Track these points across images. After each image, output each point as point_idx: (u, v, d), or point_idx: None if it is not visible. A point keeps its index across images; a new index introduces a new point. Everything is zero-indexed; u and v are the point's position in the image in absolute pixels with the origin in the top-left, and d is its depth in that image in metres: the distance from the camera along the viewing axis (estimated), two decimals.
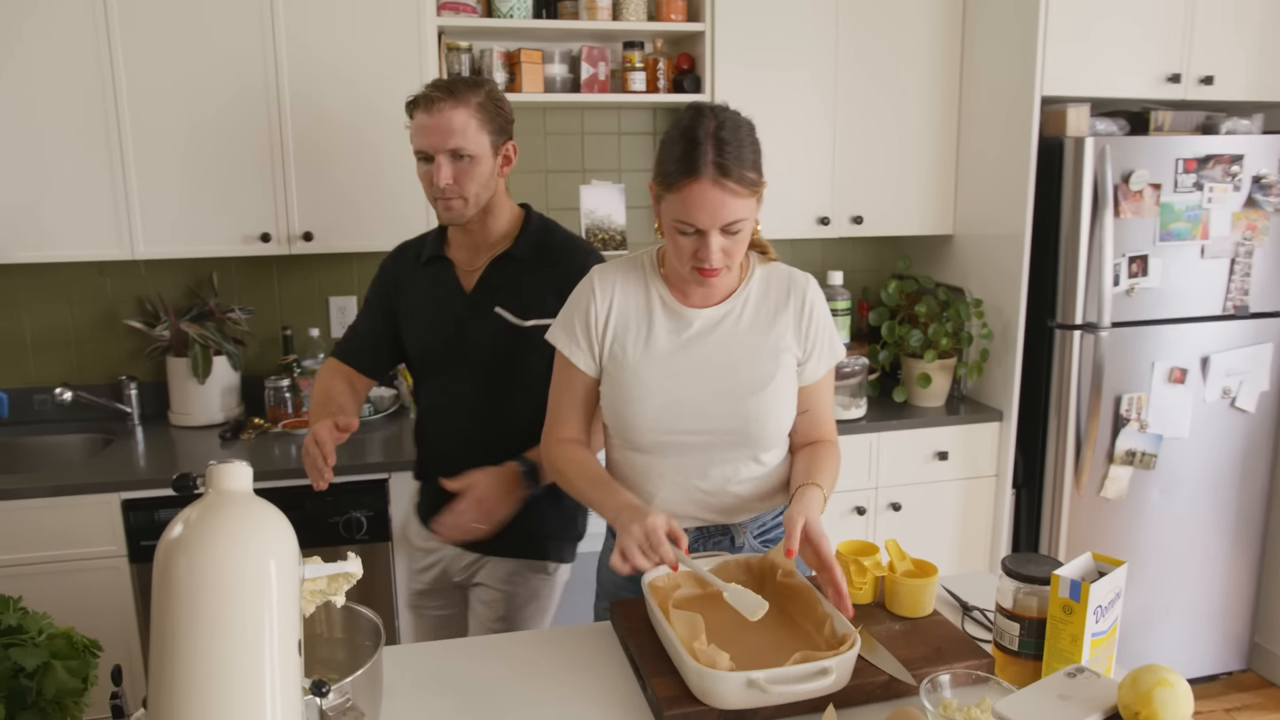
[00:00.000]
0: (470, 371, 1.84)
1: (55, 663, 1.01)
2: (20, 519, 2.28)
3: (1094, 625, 1.27)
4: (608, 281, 1.58)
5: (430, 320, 1.88)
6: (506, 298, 1.82)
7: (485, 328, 1.82)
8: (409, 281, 1.92)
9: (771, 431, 1.56)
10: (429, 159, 1.74)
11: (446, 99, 1.72)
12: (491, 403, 1.84)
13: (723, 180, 1.38)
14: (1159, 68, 2.78)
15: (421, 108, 1.73)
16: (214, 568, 0.79)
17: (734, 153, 1.39)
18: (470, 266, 1.86)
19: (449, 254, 1.89)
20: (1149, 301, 2.77)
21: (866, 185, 2.98)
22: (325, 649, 1.20)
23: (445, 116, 1.72)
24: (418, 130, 1.75)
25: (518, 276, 1.82)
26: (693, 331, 1.55)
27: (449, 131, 1.72)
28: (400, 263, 1.95)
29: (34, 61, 2.37)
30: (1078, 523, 2.84)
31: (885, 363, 3.01)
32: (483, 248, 1.86)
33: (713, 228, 1.41)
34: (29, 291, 2.79)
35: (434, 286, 1.88)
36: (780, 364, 1.55)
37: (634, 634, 1.42)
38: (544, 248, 1.84)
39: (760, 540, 1.65)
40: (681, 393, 1.53)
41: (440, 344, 1.86)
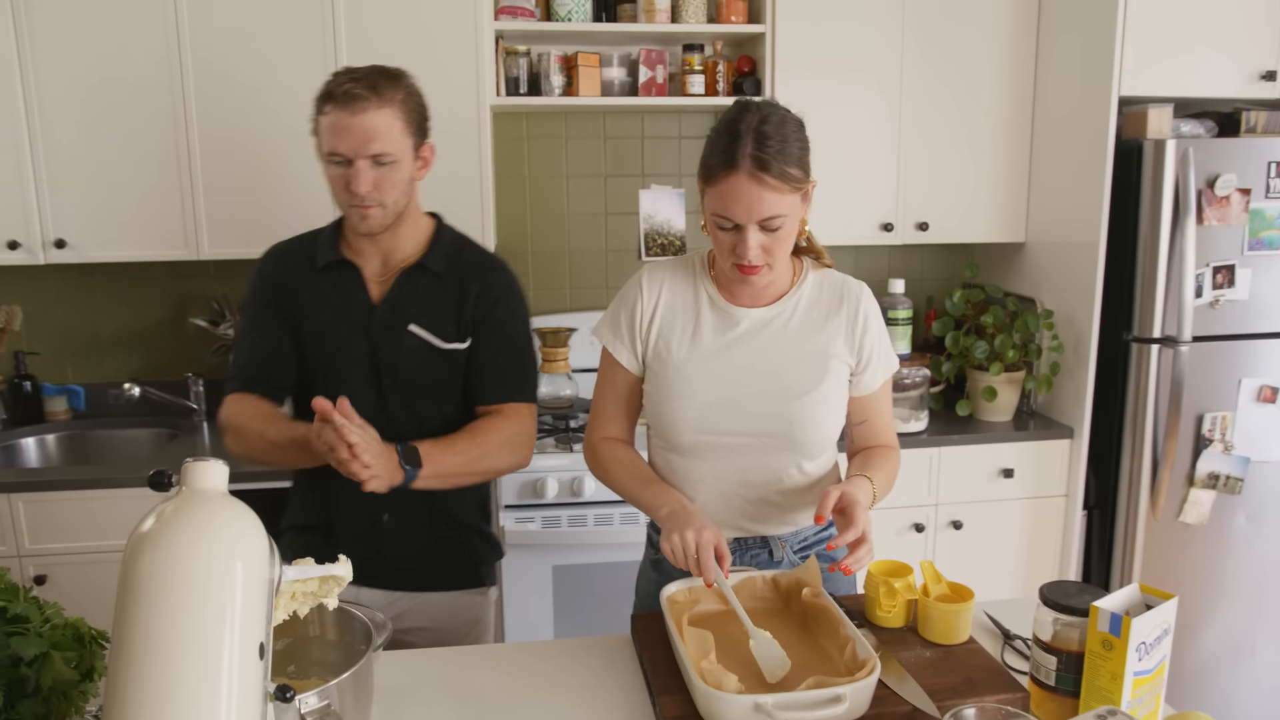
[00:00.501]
0: (375, 386, 1.68)
1: (54, 653, 1.03)
2: (86, 508, 2.37)
3: (1136, 663, 1.18)
4: (656, 279, 1.57)
5: (330, 331, 1.69)
6: (421, 314, 1.67)
7: (397, 344, 1.67)
8: (303, 287, 1.70)
9: (815, 437, 1.52)
10: (345, 163, 1.56)
11: (370, 97, 1.53)
12: (397, 418, 1.66)
13: (760, 174, 1.36)
14: (1251, 65, 2.61)
15: (340, 104, 1.53)
16: (177, 565, 0.79)
17: (775, 148, 1.37)
18: (378, 276, 1.69)
19: (350, 259, 1.70)
20: (1235, 314, 2.59)
21: (933, 191, 2.88)
22: (319, 650, 1.19)
23: (369, 117, 1.53)
24: (333, 130, 1.54)
25: (431, 291, 1.68)
26: (739, 331, 1.52)
27: (372, 134, 1.54)
28: (288, 267, 1.72)
29: (112, 72, 2.47)
30: (1153, 548, 2.68)
31: (949, 375, 2.90)
32: (392, 257, 1.69)
33: (749, 222, 1.39)
34: (105, 291, 2.90)
35: (333, 294, 1.69)
36: (828, 370, 1.51)
37: (649, 648, 1.38)
38: (457, 262, 1.70)
39: (800, 555, 1.59)
40: (724, 393, 1.50)
41: (345, 357, 1.68)
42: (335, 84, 1.55)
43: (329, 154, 1.57)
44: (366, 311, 1.68)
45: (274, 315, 1.71)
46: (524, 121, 2.99)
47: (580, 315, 3.00)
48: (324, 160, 1.59)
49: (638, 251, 3.09)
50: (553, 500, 2.48)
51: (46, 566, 2.38)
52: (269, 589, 0.84)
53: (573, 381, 2.83)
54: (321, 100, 1.57)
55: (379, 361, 1.67)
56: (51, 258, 2.54)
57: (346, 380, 1.67)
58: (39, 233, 2.52)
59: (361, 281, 1.69)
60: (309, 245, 1.74)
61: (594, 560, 2.52)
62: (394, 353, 1.67)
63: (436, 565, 1.76)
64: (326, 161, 1.59)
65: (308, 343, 1.70)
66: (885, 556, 1.59)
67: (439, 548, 1.76)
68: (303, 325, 1.70)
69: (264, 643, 0.81)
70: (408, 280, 1.68)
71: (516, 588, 2.52)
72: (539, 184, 3.04)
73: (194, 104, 2.51)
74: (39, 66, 2.45)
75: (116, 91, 2.48)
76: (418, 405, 1.69)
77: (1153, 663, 1.21)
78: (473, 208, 2.63)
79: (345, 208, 1.62)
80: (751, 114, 1.41)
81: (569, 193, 3.06)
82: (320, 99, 1.57)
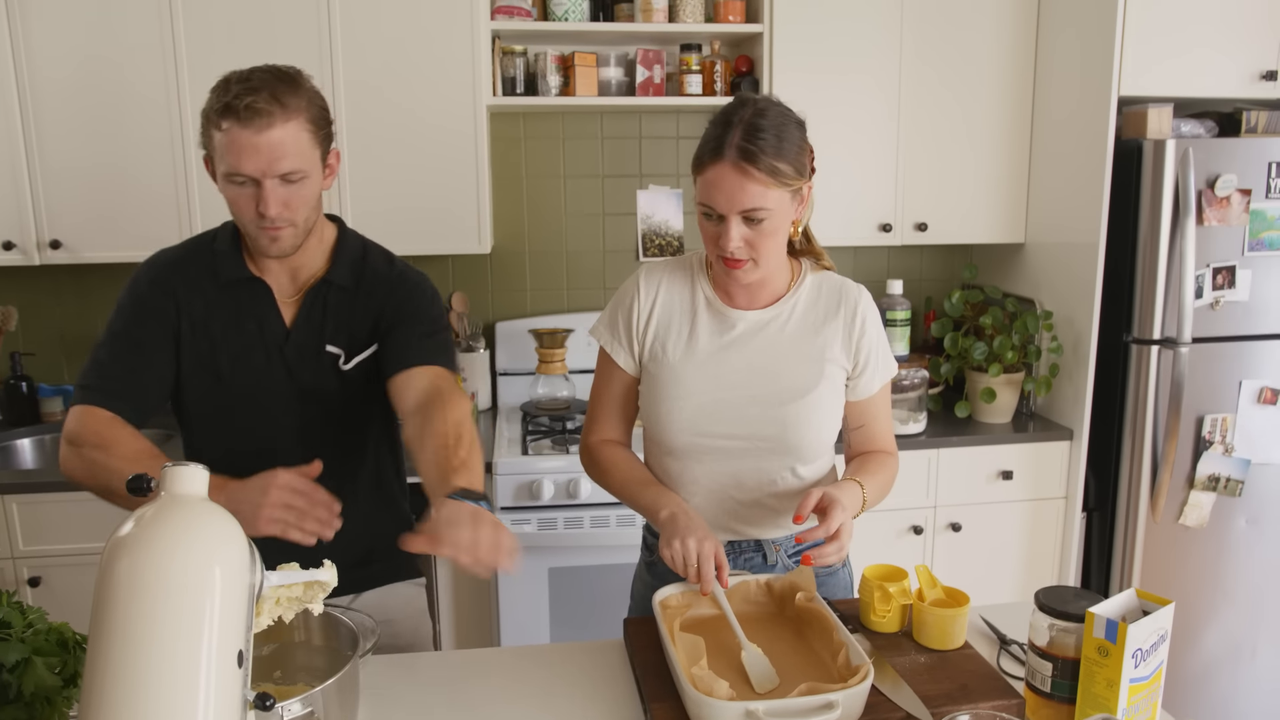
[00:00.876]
0: (296, 413, 1.55)
1: (36, 659, 1.01)
2: (81, 510, 2.36)
3: (1133, 670, 1.16)
4: (653, 280, 1.56)
5: (245, 356, 1.52)
6: (335, 333, 1.54)
7: (315, 368, 1.54)
8: (202, 306, 1.52)
9: (810, 441, 1.50)
10: (249, 183, 1.39)
11: (275, 110, 1.36)
12: (314, 447, 1.47)
13: (744, 165, 1.35)
14: (1251, 65, 2.59)
15: (241, 121, 1.35)
16: (154, 570, 0.78)
17: (766, 141, 1.36)
18: (287, 294, 1.55)
19: (258, 275, 1.53)
20: (1236, 316, 2.58)
21: (931, 191, 2.86)
22: (304, 655, 1.18)
23: (275, 133, 1.36)
24: (234, 148, 1.36)
25: (340, 307, 1.55)
26: (736, 334, 1.51)
27: (280, 152, 1.37)
28: (181, 279, 1.52)
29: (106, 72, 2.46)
30: (1153, 551, 2.67)
31: (948, 376, 2.88)
32: (300, 273, 1.55)
33: (730, 212, 1.38)
34: (101, 291, 2.89)
35: (242, 315, 1.52)
36: (824, 374, 1.50)
37: (641, 653, 1.37)
38: (363, 274, 1.57)
39: (795, 560, 1.58)
40: (719, 395, 1.49)
41: (258, 387, 1.53)
42: (231, 96, 1.36)
43: (229, 174, 1.39)
44: (281, 335, 1.53)
45: (157, 331, 1.50)
46: (521, 122, 2.98)
47: (577, 316, 2.99)
48: (221, 180, 1.41)
49: (635, 252, 3.08)
50: (548, 502, 2.46)
51: (41, 569, 2.37)
52: (249, 595, 0.83)
53: (569, 383, 2.82)
54: (217, 114, 1.37)
55: (301, 387, 1.54)
56: (47, 258, 2.54)
57: (262, 409, 1.53)
58: (34, 233, 2.52)
59: (273, 301, 1.53)
60: (204, 256, 1.54)
61: (590, 562, 2.51)
62: (315, 377, 1.54)
63: (378, 560, 1.65)
64: (225, 182, 1.41)
65: (199, 370, 1.52)
66: (883, 559, 1.59)
67: (378, 543, 1.61)
68: (199, 351, 1.51)
69: (243, 650, 0.80)
70: (316, 297, 1.54)
71: (512, 590, 2.51)
72: (536, 184, 3.03)
73: (189, 103, 2.50)
74: (34, 65, 2.44)
75: (112, 91, 2.47)
76: (329, 433, 1.57)
77: (1149, 669, 1.20)
78: (469, 208, 2.62)
79: (253, 230, 1.44)
80: (748, 107, 1.40)
81: (566, 193, 3.05)
82: (215, 113, 1.38)
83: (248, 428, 1.54)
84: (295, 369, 1.53)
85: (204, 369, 1.52)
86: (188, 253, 1.56)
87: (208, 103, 1.40)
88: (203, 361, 1.51)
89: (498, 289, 3.05)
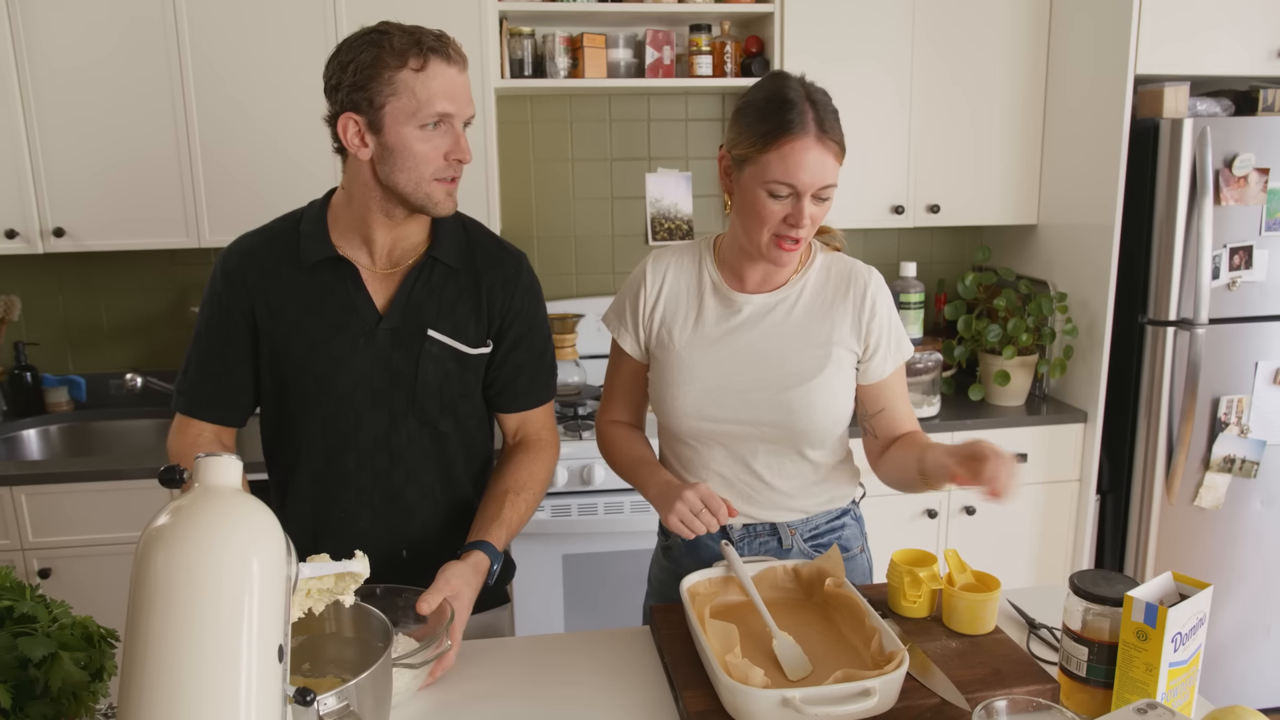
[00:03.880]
0: (384, 407, 1.45)
1: (63, 654, 1.00)
2: (90, 500, 2.34)
3: (1172, 654, 1.15)
4: (661, 265, 1.54)
5: (323, 346, 1.43)
6: (438, 317, 1.46)
7: (414, 355, 1.44)
8: (280, 292, 1.44)
9: (816, 426, 1.48)
10: (444, 124, 1.35)
11: (461, 55, 1.36)
12: (410, 443, 1.47)
13: (825, 138, 1.34)
14: (1267, 43, 2.56)
15: (441, 58, 1.32)
16: (192, 563, 0.75)
17: (831, 115, 1.36)
18: (380, 273, 1.45)
19: (345, 254, 1.44)
20: (1253, 296, 2.56)
21: (944, 172, 2.83)
22: (335, 648, 1.16)
23: (465, 76, 1.36)
24: (444, 87, 1.32)
25: (445, 288, 1.46)
26: (742, 318, 1.49)
27: (469, 93, 1.37)
28: (257, 267, 1.45)
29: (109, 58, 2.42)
30: (1168, 533, 2.66)
31: (961, 359, 2.86)
32: (398, 247, 1.46)
33: (812, 188, 1.35)
34: (105, 279, 2.86)
35: (326, 299, 1.43)
36: (831, 358, 1.47)
37: (670, 641, 1.35)
38: (469, 251, 1.49)
39: (811, 545, 1.56)
40: (724, 380, 1.48)
41: (343, 376, 1.44)
42: (419, 37, 1.32)
43: (428, 116, 1.32)
44: (371, 319, 1.44)
45: (236, 327, 1.45)
46: (528, 104, 2.94)
47: (587, 301, 2.96)
48: (404, 129, 1.32)
49: (645, 236, 3.06)
50: (563, 489, 2.45)
51: (50, 560, 2.35)
52: (286, 587, 0.81)
53: (580, 368, 2.80)
54: (413, 54, 1.30)
55: (392, 378, 1.45)
56: (50, 247, 2.50)
57: (345, 404, 1.44)
58: (37, 221, 2.48)
59: (360, 282, 1.44)
60: (286, 240, 1.46)
61: (604, 549, 2.49)
62: (410, 366, 1.44)
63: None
64: (415, 128, 1.32)
65: (285, 361, 1.45)
66: (898, 543, 1.57)
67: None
68: (278, 340, 1.44)
69: (283, 644, 0.78)
70: (418, 277, 1.45)
71: (527, 577, 2.50)
72: (544, 168, 3.00)
73: (193, 88, 2.46)
74: (35, 51, 2.40)
75: (115, 76, 2.44)
76: (440, 424, 1.49)
77: (1188, 653, 1.19)
78: (478, 192, 2.59)
79: (429, 186, 1.36)
80: (795, 82, 1.38)
81: (575, 177, 3.02)
82: (407, 53, 1.30)
83: (330, 419, 1.45)
84: (389, 358, 1.44)
85: (284, 357, 1.45)
86: (267, 237, 1.48)
87: (374, 51, 1.31)
88: (281, 350, 1.44)
89: None
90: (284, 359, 1.44)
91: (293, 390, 1.45)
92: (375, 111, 1.32)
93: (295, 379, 1.45)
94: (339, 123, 1.35)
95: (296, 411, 1.47)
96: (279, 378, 1.46)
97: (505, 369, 1.53)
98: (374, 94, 1.31)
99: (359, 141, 1.35)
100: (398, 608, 1.29)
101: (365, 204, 1.40)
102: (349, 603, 1.01)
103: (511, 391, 1.55)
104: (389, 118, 1.32)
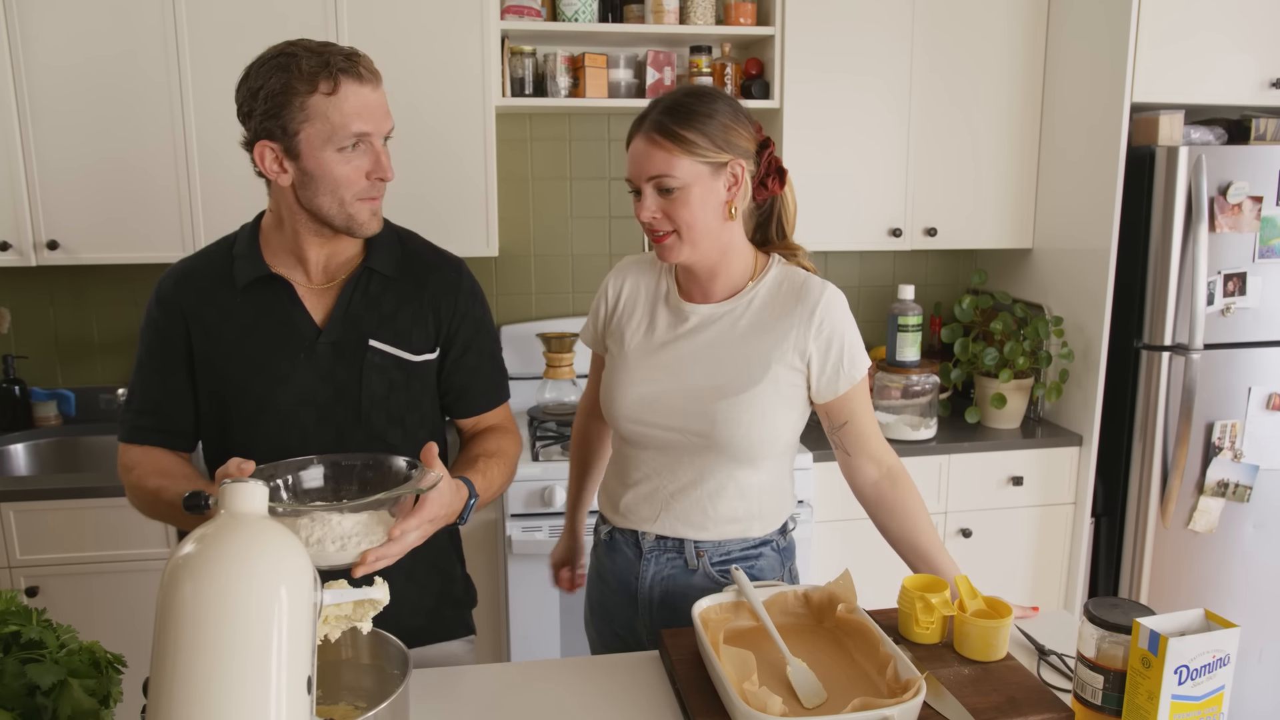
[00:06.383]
0: (330, 423, 1.42)
1: (72, 681, 0.97)
2: (79, 518, 2.30)
3: (1175, 685, 1.14)
4: (622, 272, 1.62)
5: (263, 365, 1.41)
6: (379, 326, 1.44)
7: (356, 367, 1.42)
8: (216, 314, 1.42)
9: (740, 441, 1.47)
10: (361, 144, 1.33)
11: (373, 72, 1.34)
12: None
13: (652, 134, 1.40)
14: (1260, 73, 2.60)
15: (361, 79, 1.31)
16: (221, 592, 0.74)
17: (680, 114, 1.40)
18: (315, 288, 1.44)
19: (279, 272, 1.42)
20: (1246, 322, 2.58)
21: (941, 196, 2.85)
22: (351, 675, 1.14)
23: (380, 92, 1.35)
24: (357, 107, 1.30)
25: (383, 298, 1.45)
26: (688, 327, 1.52)
27: (386, 111, 1.36)
28: (191, 290, 1.43)
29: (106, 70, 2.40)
30: (1162, 557, 2.67)
31: (958, 381, 2.88)
32: (332, 261, 1.44)
33: (638, 179, 1.42)
34: (96, 293, 2.83)
35: (263, 318, 1.41)
36: (769, 374, 1.47)
37: (682, 667, 1.34)
38: (406, 260, 1.49)
39: (718, 570, 1.55)
40: (659, 385, 1.51)
41: (285, 394, 1.41)
42: (329, 58, 1.30)
43: (344, 138, 1.30)
44: (310, 333, 1.42)
45: (175, 352, 1.43)
46: (527, 123, 2.94)
47: (583, 320, 2.94)
48: (322, 152, 1.31)
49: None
50: (560, 509, 2.43)
51: (38, 578, 2.31)
52: (313, 615, 0.80)
53: (577, 388, 2.79)
54: (322, 77, 1.29)
55: (336, 391, 1.42)
56: (44, 259, 2.47)
57: (288, 422, 1.41)
58: (30, 234, 2.45)
59: (296, 298, 1.42)
60: (220, 262, 1.44)
61: None
62: (354, 378, 1.42)
63: (432, 618, 1.57)
64: (332, 150, 1.31)
65: (225, 383, 1.42)
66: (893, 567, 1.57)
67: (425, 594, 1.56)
68: (215, 362, 1.42)
69: (311, 676, 0.76)
70: (355, 288, 1.43)
71: (522, 597, 2.47)
72: (542, 186, 2.99)
73: (191, 102, 2.45)
74: (31, 63, 2.38)
75: (111, 89, 2.42)
76: (388, 436, 1.45)
77: (1202, 691, 1.18)
78: (477, 210, 2.59)
79: (354, 203, 1.35)
80: (673, 93, 1.45)
81: (573, 195, 3.02)
82: (316, 76, 1.29)
83: (275, 438, 1.40)
84: (331, 372, 1.42)
85: (223, 380, 1.42)
86: (201, 261, 1.47)
87: (283, 77, 1.29)
88: (219, 372, 1.42)
89: (502, 292, 3.01)
90: (223, 381, 1.42)
91: (234, 412, 1.42)
92: (290, 138, 1.31)
93: (236, 400, 1.42)
94: (255, 150, 1.34)
95: (239, 434, 1.43)
96: (219, 401, 1.43)
97: (459, 375, 1.52)
98: (287, 121, 1.30)
99: (278, 168, 1.34)
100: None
101: (294, 225, 1.40)
102: (366, 629, 0.99)
103: (469, 396, 1.55)
104: (305, 144, 1.31)
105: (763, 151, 1.47)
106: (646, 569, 1.57)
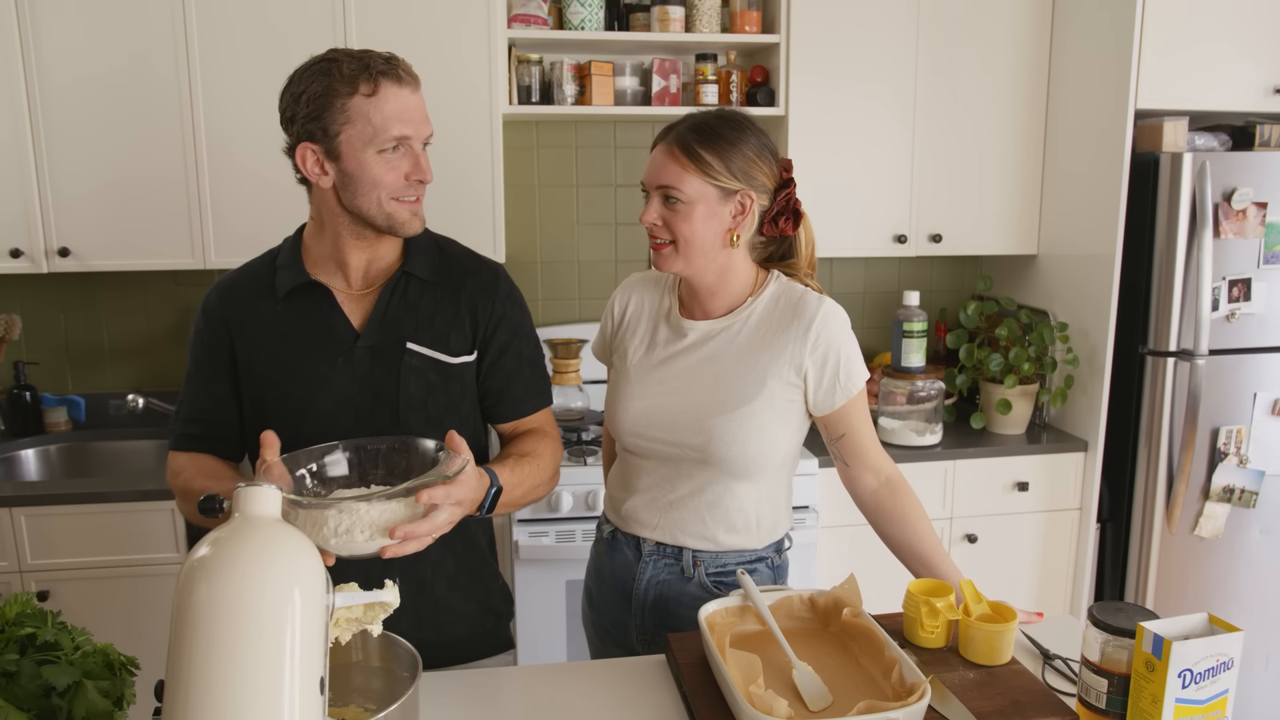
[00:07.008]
0: (368, 426, 1.44)
1: (87, 682, 0.99)
2: (89, 522, 2.32)
3: (1179, 689, 1.15)
4: (628, 288, 1.65)
5: (303, 371, 1.43)
6: (417, 330, 1.46)
7: (394, 370, 1.44)
8: (259, 324, 1.45)
9: (736, 456, 1.49)
10: (402, 146, 1.36)
11: (412, 75, 1.38)
12: None
13: (673, 146, 1.44)
14: (1264, 79, 2.61)
15: (401, 81, 1.34)
16: (235, 595, 0.75)
17: (705, 134, 1.43)
18: (353, 294, 1.47)
19: (318, 279, 1.46)
20: (1251, 328, 2.59)
21: (946, 202, 2.86)
22: (361, 677, 1.16)
23: (419, 96, 1.38)
24: (398, 109, 1.33)
25: (422, 302, 1.47)
26: (687, 343, 1.55)
27: (425, 114, 1.39)
28: (235, 302, 1.47)
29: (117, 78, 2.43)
30: (1168, 562, 2.67)
31: (963, 387, 2.88)
32: (372, 267, 1.47)
33: (650, 184, 1.47)
34: (107, 299, 2.85)
35: (303, 325, 1.44)
36: (765, 390, 1.49)
37: (689, 670, 1.35)
38: (444, 265, 1.51)
39: (714, 581, 1.57)
40: (658, 400, 1.54)
41: (324, 399, 1.43)
42: (369, 61, 1.33)
43: (396, 138, 1.34)
44: (349, 338, 1.44)
45: (220, 363, 1.47)
46: (534, 130, 2.96)
47: (590, 326, 2.97)
48: (362, 153, 1.34)
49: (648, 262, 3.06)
50: (567, 514, 2.44)
51: (48, 582, 2.33)
52: (326, 617, 0.81)
53: (584, 394, 2.80)
54: (363, 79, 1.31)
55: (375, 395, 1.44)
56: (55, 266, 2.50)
57: (327, 425, 1.41)
58: (42, 241, 2.48)
59: (335, 304, 1.45)
60: (263, 273, 1.48)
61: None
62: (392, 381, 1.44)
63: (474, 625, 1.58)
64: (373, 151, 1.34)
65: (267, 390, 1.45)
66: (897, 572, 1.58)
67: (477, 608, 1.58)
68: (259, 370, 1.45)
69: (323, 677, 0.78)
70: (393, 292, 1.46)
71: (529, 603, 2.48)
72: (549, 194, 3.01)
73: (202, 110, 2.47)
74: (43, 72, 2.40)
75: (122, 98, 2.44)
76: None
77: (1206, 695, 1.18)
78: (484, 217, 2.60)
79: (394, 205, 1.38)
80: (708, 113, 1.48)
81: (579, 202, 3.03)
82: (356, 79, 1.31)
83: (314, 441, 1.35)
84: (368, 376, 1.44)
85: (265, 385, 1.45)
86: (245, 274, 1.51)
87: (324, 80, 1.32)
88: (261, 379, 1.45)
89: None
90: (265, 386, 1.45)
91: (275, 417, 1.42)
92: (331, 140, 1.34)
93: (277, 406, 1.44)
94: (297, 153, 1.37)
95: (281, 438, 1.43)
96: (260, 407, 1.46)
97: (496, 378, 1.53)
98: (328, 123, 1.33)
99: (319, 170, 1.37)
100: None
101: (335, 229, 1.43)
102: (376, 632, 1.00)
103: (507, 400, 1.54)
104: (346, 145, 1.34)
105: (780, 191, 1.49)
106: (644, 572, 1.60)
